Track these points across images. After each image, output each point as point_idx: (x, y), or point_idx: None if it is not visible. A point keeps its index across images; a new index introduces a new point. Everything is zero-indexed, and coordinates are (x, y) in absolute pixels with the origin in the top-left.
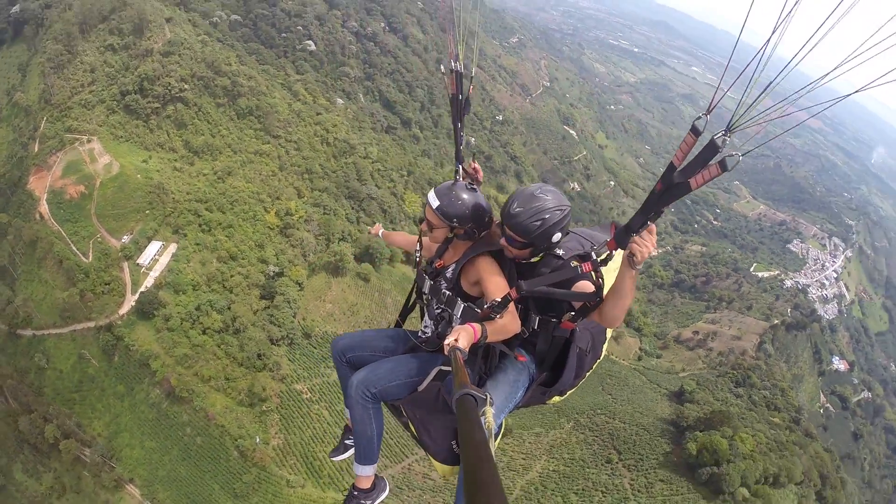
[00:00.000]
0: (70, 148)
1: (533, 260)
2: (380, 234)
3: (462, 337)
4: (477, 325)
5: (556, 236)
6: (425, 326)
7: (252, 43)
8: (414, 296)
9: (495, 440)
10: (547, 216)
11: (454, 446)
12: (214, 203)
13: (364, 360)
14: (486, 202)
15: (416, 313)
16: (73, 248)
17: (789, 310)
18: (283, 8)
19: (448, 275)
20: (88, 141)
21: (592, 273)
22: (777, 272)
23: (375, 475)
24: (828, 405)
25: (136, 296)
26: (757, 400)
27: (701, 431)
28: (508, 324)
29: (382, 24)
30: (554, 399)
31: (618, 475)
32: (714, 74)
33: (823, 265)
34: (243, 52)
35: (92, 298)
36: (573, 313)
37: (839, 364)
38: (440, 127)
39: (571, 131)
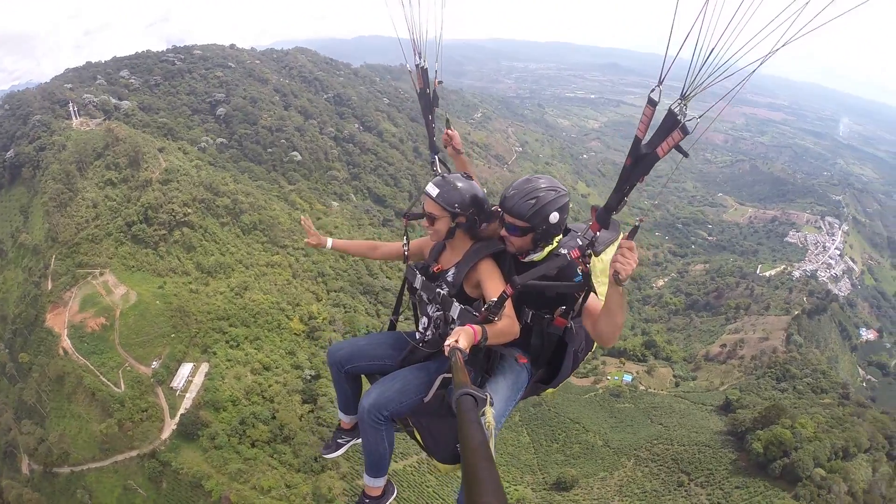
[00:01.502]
0: (84, 282)
1: (535, 258)
2: (328, 245)
3: (462, 338)
4: (477, 327)
5: (554, 216)
6: (424, 328)
7: (242, 162)
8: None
9: (493, 433)
10: (541, 195)
11: (458, 447)
12: (237, 318)
13: (362, 369)
14: (482, 191)
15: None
16: (104, 379)
17: (805, 298)
18: (263, 125)
19: (449, 279)
20: (101, 274)
21: (579, 261)
22: (783, 267)
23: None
24: (869, 377)
25: (177, 419)
26: (802, 389)
27: (761, 429)
28: (507, 328)
29: (356, 125)
30: (547, 392)
31: (694, 495)
32: (668, 98)
33: (824, 246)
34: (236, 171)
35: (131, 427)
36: (564, 308)
37: (868, 334)
38: None
39: None
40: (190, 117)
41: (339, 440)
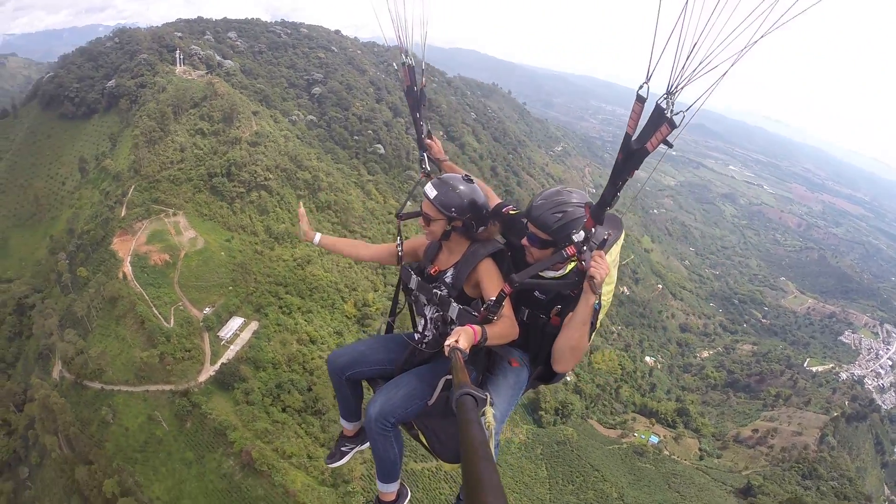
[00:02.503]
0: (156, 218)
1: (556, 276)
2: (315, 240)
3: (462, 338)
4: (477, 327)
5: (578, 235)
6: (422, 329)
7: (328, 143)
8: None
9: (493, 433)
10: (569, 209)
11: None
12: (294, 287)
13: (363, 375)
14: (482, 195)
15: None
16: (156, 311)
17: (847, 402)
18: (354, 112)
19: (448, 280)
20: (174, 214)
21: (576, 256)
22: (831, 365)
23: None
24: (892, 497)
25: (217, 366)
26: (825, 490)
27: None
28: (507, 329)
29: (441, 133)
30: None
31: None
32: (751, 171)
33: (877, 354)
34: (321, 150)
35: (171, 363)
36: (560, 307)
37: None
38: None
39: None
40: (286, 90)
41: (342, 448)
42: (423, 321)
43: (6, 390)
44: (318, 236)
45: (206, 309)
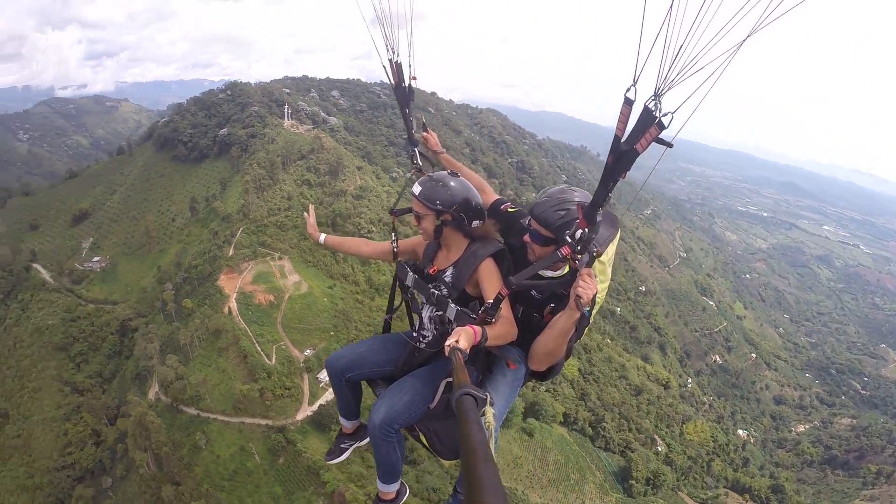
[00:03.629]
0: (262, 260)
1: (556, 276)
2: (321, 240)
3: (462, 338)
4: (478, 328)
5: (580, 234)
6: (419, 328)
7: None
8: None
9: (493, 434)
10: (572, 207)
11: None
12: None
13: (363, 376)
14: (471, 189)
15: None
16: (258, 347)
17: None
18: None
19: (448, 279)
20: (280, 258)
21: (569, 258)
22: None
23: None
24: None
25: (315, 407)
26: None
27: None
28: (506, 331)
29: (534, 194)
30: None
31: None
32: (846, 230)
33: None
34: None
35: (270, 398)
36: (553, 306)
37: None
38: None
39: (710, 302)
40: (386, 147)
41: (342, 445)
42: (420, 319)
43: (101, 403)
44: (323, 236)
45: (308, 350)
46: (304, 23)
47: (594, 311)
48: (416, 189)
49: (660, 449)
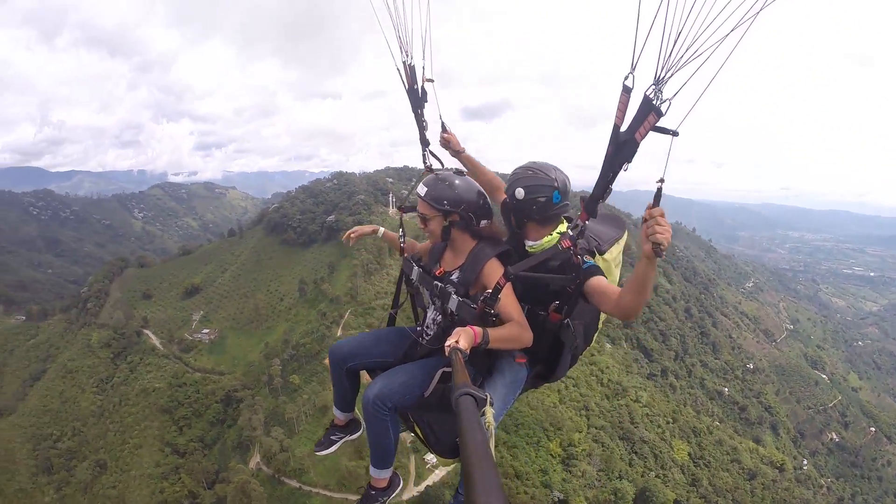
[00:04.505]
0: None
1: (534, 247)
2: (379, 233)
3: (463, 338)
4: (478, 329)
5: (519, 192)
6: (423, 323)
7: None
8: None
9: (493, 433)
10: (519, 173)
11: (457, 442)
12: (501, 422)
13: (364, 366)
14: (478, 187)
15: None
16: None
17: None
18: None
19: (454, 279)
20: None
21: (571, 251)
22: None
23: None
24: None
25: (422, 488)
26: None
27: None
28: (517, 334)
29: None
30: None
31: None
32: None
33: None
34: None
35: None
36: (558, 303)
37: None
38: (693, 377)
39: (822, 375)
40: None
41: (332, 437)
42: (427, 314)
43: (200, 467)
44: (381, 230)
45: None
46: (398, 117)
47: (603, 318)
48: (422, 190)
49: None
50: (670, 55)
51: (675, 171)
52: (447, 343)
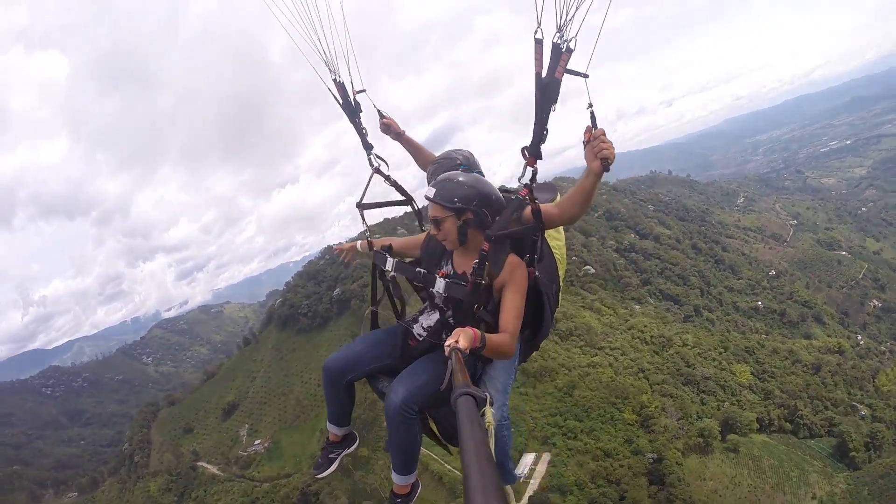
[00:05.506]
0: None
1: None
2: (359, 247)
3: (462, 338)
4: (478, 332)
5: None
6: (426, 326)
7: None
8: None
9: (493, 433)
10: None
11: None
12: (570, 413)
13: (365, 374)
14: (488, 182)
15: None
16: (449, 466)
17: None
18: None
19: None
20: None
21: (528, 198)
22: None
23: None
24: None
25: (524, 501)
26: None
27: None
28: (505, 346)
29: (632, 234)
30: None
31: None
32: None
33: None
34: None
35: None
36: (528, 256)
37: None
38: (724, 304)
39: (842, 253)
40: None
41: (330, 455)
42: (403, 306)
43: None
44: (359, 243)
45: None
46: (356, 178)
47: (561, 272)
48: (430, 192)
49: (863, 413)
50: (564, 5)
51: (630, 125)
52: (447, 343)
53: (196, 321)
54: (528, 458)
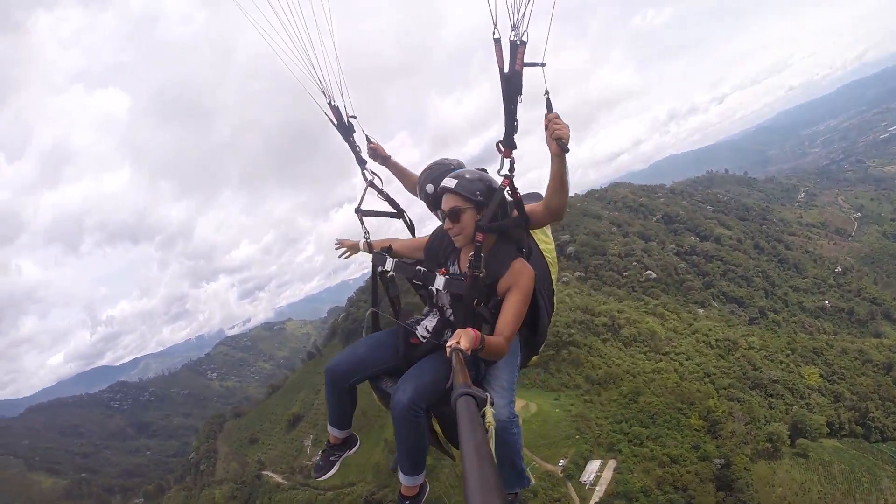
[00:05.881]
0: None
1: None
2: (360, 246)
3: (464, 339)
4: (478, 333)
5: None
6: (429, 328)
7: (604, 288)
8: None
9: (493, 433)
10: (432, 177)
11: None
12: (636, 420)
13: (368, 376)
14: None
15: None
16: None
17: None
18: (612, 253)
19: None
20: None
21: (510, 188)
22: None
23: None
24: None
25: None
26: None
27: None
28: (500, 348)
29: (692, 237)
30: (532, 360)
31: None
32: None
33: None
34: (601, 296)
35: None
36: (518, 249)
37: None
38: (790, 305)
39: None
40: None
41: (331, 458)
42: (398, 305)
43: None
44: (361, 242)
45: (561, 461)
46: (411, 197)
47: (554, 275)
48: (451, 182)
49: None
50: (513, 6)
51: (682, 126)
52: (448, 344)
53: (259, 338)
54: (594, 465)
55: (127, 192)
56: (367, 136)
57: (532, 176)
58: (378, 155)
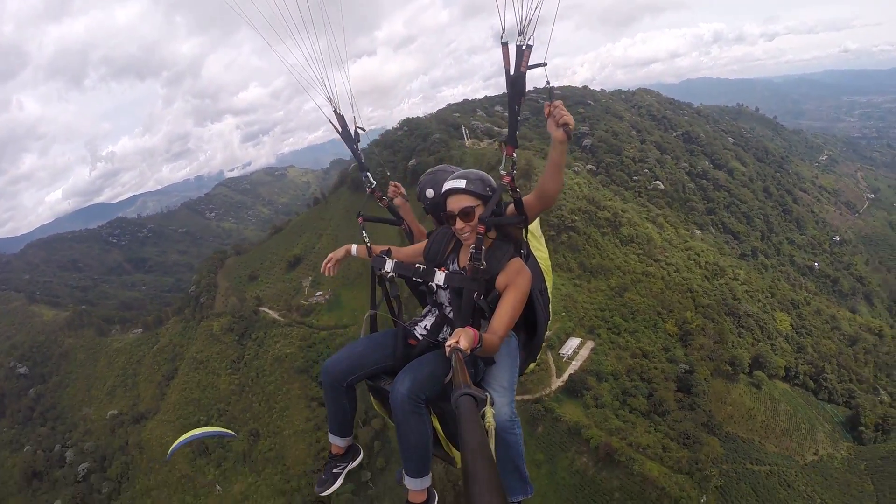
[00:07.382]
0: None
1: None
2: (353, 251)
3: (463, 338)
4: (477, 332)
5: (429, 192)
6: (427, 326)
7: (612, 186)
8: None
9: (493, 433)
10: (432, 182)
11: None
12: (618, 312)
13: (366, 376)
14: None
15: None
16: None
17: None
18: (627, 155)
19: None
20: None
21: (510, 185)
22: None
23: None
24: None
25: (565, 377)
26: None
27: None
28: (495, 346)
29: (707, 162)
30: (530, 367)
31: None
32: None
33: None
34: (608, 193)
35: (525, 377)
36: (517, 249)
37: None
38: (782, 254)
39: None
40: None
41: (334, 470)
42: (399, 305)
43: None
44: (353, 247)
45: (546, 332)
46: (434, 58)
47: (549, 284)
48: (460, 182)
49: (883, 398)
50: (522, 9)
51: (725, 52)
52: (448, 344)
53: (259, 182)
54: (574, 342)
55: (137, 26)
56: (388, 172)
57: (558, 62)
58: (398, 194)
